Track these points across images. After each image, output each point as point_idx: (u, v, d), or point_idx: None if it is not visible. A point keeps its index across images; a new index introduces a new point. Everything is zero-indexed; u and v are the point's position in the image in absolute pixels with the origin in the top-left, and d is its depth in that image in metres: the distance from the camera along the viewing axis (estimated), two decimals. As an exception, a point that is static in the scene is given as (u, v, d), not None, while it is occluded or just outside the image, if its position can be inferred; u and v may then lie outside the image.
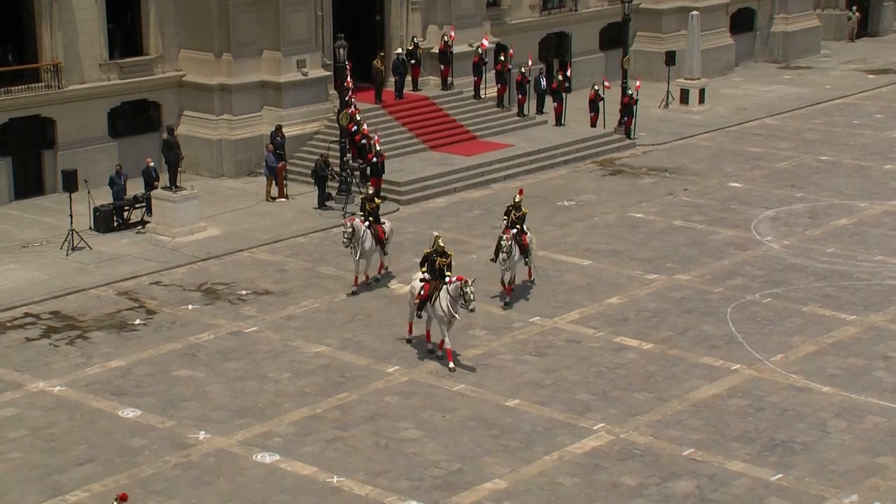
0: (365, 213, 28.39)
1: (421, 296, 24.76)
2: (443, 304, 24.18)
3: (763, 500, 19.54)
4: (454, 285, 24.18)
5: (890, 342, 25.39)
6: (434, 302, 24.36)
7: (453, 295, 24.12)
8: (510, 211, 28.26)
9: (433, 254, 25.10)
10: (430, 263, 25.05)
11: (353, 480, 20.36)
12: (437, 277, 24.71)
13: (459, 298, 24.06)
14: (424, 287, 24.78)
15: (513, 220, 27.91)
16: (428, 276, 24.89)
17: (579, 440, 21.58)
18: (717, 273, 29.61)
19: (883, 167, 38.36)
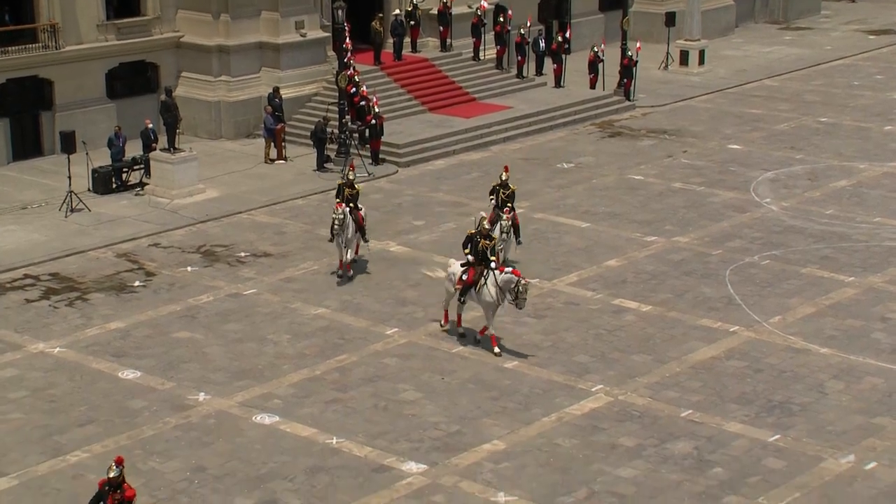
0: (344, 199, 27.06)
1: (464, 281, 23.43)
2: (490, 290, 22.98)
3: (760, 461, 19.65)
4: (506, 277, 22.82)
5: (888, 303, 25.45)
6: (480, 289, 23.12)
7: (503, 287, 22.87)
8: (497, 190, 27.26)
9: (477, 235, 23.70)
10: (474, 245, 23.63)
11: (353, 442, 20.46)
12: (481, 261, 23.33)
13: (510, 293, 22.87)
14: (469, 272, 23.38)
15: (503, 199, 27.03)
16: (472, 258, 23.46)
17: (578, 402, 21.67)
18: (715, 235, 29.62)
19: (883, 128, 38.28)
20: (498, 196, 27.16)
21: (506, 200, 27.00)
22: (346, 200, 26.97)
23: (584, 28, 47.59)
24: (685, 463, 19.66)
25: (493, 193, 27.47)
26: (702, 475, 19.27)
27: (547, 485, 19.09)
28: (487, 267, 23.20)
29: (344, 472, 19.54)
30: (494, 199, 27.30)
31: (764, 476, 19.21)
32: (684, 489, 18.89)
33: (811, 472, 19.27)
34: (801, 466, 19.45)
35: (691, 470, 19.43)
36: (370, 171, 34.55)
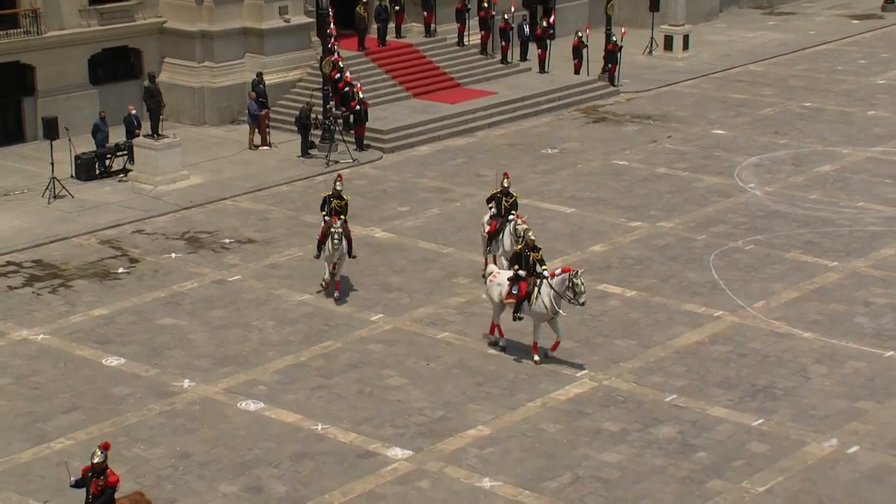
0: (331, 211, 25.45)
1: (515, 295, 22.45)
2: (545, 300, 22.07)
3: (744, 445, 19.74)
4: (559, 278, 21.99)
5: (871, 288, 25.57)
6: (534, 300, 22.23)
7: (558, 289, 21.98)
8: (499, 198, 25.72)
9: (524, 249, 22.74)
10: (524, 260, 22.62)
11: (338, 428, 20.48)
12: (532, 273, 22.49)
13: (566, 292, 21.92)
14: (520, 285, 22.47)
15: (505, 207, 25.62)
16: (523, 272, 22.53)
17: (562, 387, 21.72)
18: (700, 220, 29.69)
19: (866, 113, 38.39)
20: (500, 204, 25.71)
21: (509, 209, 25.56)
22: (335, 213, 25.34)
23: (568, 13, 47.56)
24: (669, 447, 19.73)
25: (492, 201, 25.99)
26: (686, 459, 19.35)
27: (532, 469, 19.14)
28: (540, 277, 22.30)
29: (329, 457, 19.56)
30: (495, 207, 25.79)
31: (748, 460, 19.30)
32: (668, 473, 18.97)
33: (794, 456, 19.38)
34: (785, 450, 19.55)
35: (675, 454, 19.51)
36: (354, 157, 34.51)
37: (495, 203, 25.86)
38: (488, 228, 25.69)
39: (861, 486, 18.52)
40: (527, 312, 22.42)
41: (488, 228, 25.69)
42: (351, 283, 26.38)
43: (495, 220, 25.67)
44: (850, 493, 18.32)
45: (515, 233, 24.70)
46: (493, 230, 25.55)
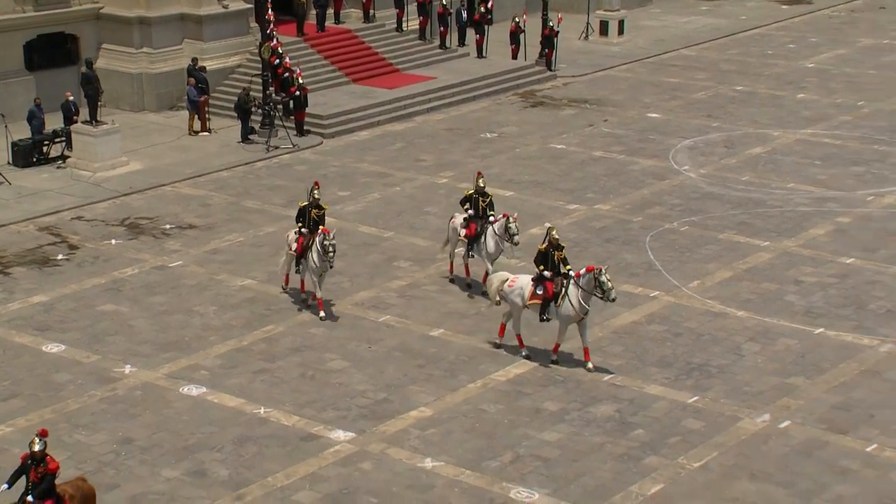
0: (309, 221, 23.95)
1: (540, 296, 21.77)
2: (572, 301, 21.37)
3: (680, 422, 20.17)
4: (586, 277, 21.29)
5: (801, 267, 26.16)
6: (561, 302, 21.53)
7: (587, 288, 21.28)
8: (475, 199, 24.69)
9: (549, 249, 21.95)
10: (548, 260, 21.89)
11: (280, 411, 20.64)
12: (557, 274, 21.76)
13: (595, 290, 21.25)
14: (547, 286, 21.74)
15: (483, 207, 24.65)
16: (548, 273, 21.77)
17: (503, 368, 22.03)
18: (636, 202, 30.15)
19: (796, 96, 39.09)
20: (477, 205, 24.66)
21: (486, 209, 24.64)
22: (314, 223, 23.89)
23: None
24: (607, 426, 20.12)
25: (466, 202, 24.88)
26: (623, 437, 19.74)
27: (473, 450, 19.44)
28: (566, 277, 21.65)
29: (272, 441, 19.72)
30: (472, 208, 24.75)
31: (683, 436, 19.72)
32: (606, 451, 19.35)
33: (728, 432, 19.83)
34: (719, 426, 20.00)
35: (613, 432, 19.89)
36: (295, 142, 34.55)
37: (472, 204, 24.75)
38: (465, 232, 24.55)
39: (792, 460, 19.03)
40: (553, 314, 21.68)
41: (465, 232, 24.55)
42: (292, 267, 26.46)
43: (473, 222, 24.54)
44: (781, 467, 18.82)
45: (508, 231, 23.85)
46: (473, 233, 24.46)
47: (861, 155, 33.16)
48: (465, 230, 24.72)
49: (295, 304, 24.61)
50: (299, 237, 23.96)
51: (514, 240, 23.89)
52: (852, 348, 22.59)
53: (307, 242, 23.75)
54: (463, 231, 24.72)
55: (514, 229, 23.85)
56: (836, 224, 28.46)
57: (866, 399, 20.76)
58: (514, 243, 24.02)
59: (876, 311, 23.98)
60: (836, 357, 22.24)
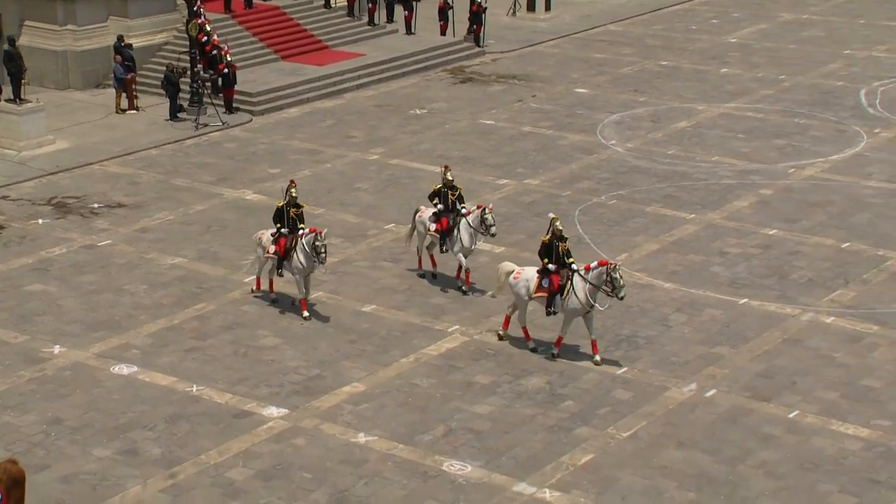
0: (288, 221, 23.02)
1: (545, 289, 21.26)
2: (579, 294, 20.93)
3: (610, 393, 20.50)
4: (596, 271, 20.84)
5: (726, 238, 26.63)
6: (567, 295, 21.10)
7: (595, 282, 20.83)
8: (444, 193, 23.94)
9: (553, 240, 21.41)
10: (553, 251, 21.40)
11: (213, 389, 20.65)
12: (563, 266, 21.31)
13: (605, 285, 20.78)
14: (553, 279, 21.26)
15: (453, 201, 23.93)
16: (552, 266, 21.32)
17: (434, 342, 22.22)
18: (564, 177, 30.45)
19: (719, 71, 39.63)
20: (446, 199, 23.91)
21: (455, 202, 23.92)
22: (292, 222, 22.99)
23: (434, -26, 47.76)
24: (538, 397, 20.40)
25: (436, 197, 24.09)
26: (554, 409, 20.04)
27: (406, 424, 19.62)
28: (571, 269, 21.20)
29: (205, 418, 19.74)
30: (441, 202, 23.96)
31: (613, 407, 20.07)
32: (538, 422, 19.63)
33: (656, 401, 20.22)
34: (648, 396, 20.38)
35: (544, 404, 20.19)
36: (224, 119, 34.37)
37: (440, 199, 23.96)
38: (436, 227, 23.89)
39: (718, 427, 19.47)
40: (559, 307, 21.28)
41: (436, 227, 23.89)
42: (223, 245, 26.44)
43: (445, 216, 23.81)
44: (707, 435, 19.24)
45: (484, 223, 23.28)
46: (445, 228, 23.77)
47: (782, 128, 33.78)
48: (435, 225, 23.92)
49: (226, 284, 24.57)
50: (280, 238, 22.94)
51: (490, 231, 23.34)
52: (775, 317, 23.09)
53: (289, 243, 22.78)
54: (433, 226, 23.94)
55: (490, 220, 23.25)
56: (759, 196, 29.00)
57: (788, 367, 21.27)
58: (492, 235, 23.52)
59: (797, 281, 24.54)
60: (760, 326, 22.74)
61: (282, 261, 23.00)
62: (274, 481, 18.09)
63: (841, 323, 22.81)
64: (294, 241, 22.79)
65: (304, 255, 22.60)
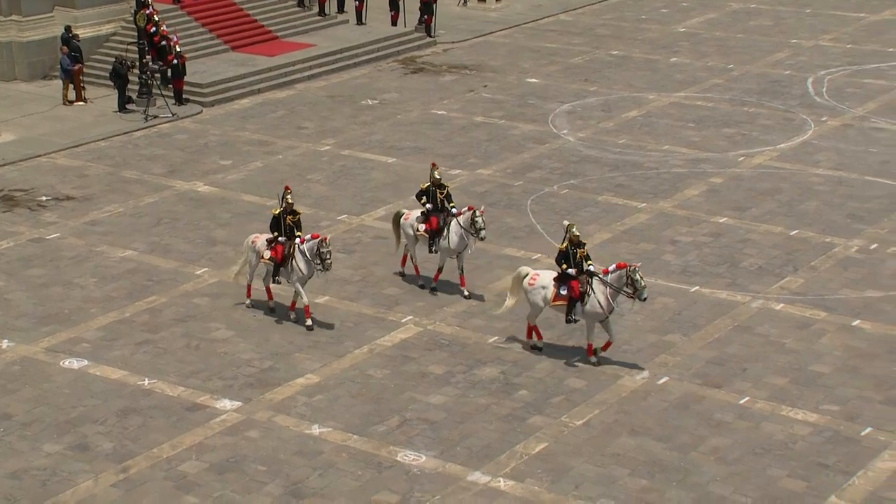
0: (285, 229, 22.30)
1: (564, 296, 20.78)
2: (600, 299, 20.56)
3: (563, 382, 20.58)
4: (615, 274, 20.50)
5: (677, 227, 26.82)
6: (587, 300, 20.67)
7: (616, 285, 20.47)
8: (433, 191, 23.36)
9: (570, 246, 20.98)
10: (570, 258, 20.87)
11: (165, 382, 20.52)
12: (582, 271, 20.87)
13: (625, 287, 20.41)
14: (573, 286, 20.75)
15: (441, 199, 23.37)
16: (572, 270, 20.77)
17: (388, 333, 22.21)
18: (517, 167, 30.52)
19: (669, 60, 39.87)
20: (435, 198, 23.33)
21: (444, 200, 23.40)
22: (289, 229, 22.32)
23: (384, -36, 47.65)
24: (492, 387, 20.45)
25: (423, 195, 23.46)
26: (508, 398, 20.10)
27: (360, 415, 19.61)
28: (590, 275, 20.79)
29: (157, 412, 19.61)
30: (430, 201, 23.36)
31: (566, 395, 20.16)
32: (492, 412, 19.68)
33: (609, 390, 20.33)
34: (601, 385, 20.49)
35: (498, 393, 20.24)
36: (174, 111, 34.11)
37: (429, 198, 23.37)
38: (425, 227, 23.27)
39: (670, 414, 19.62)
40: (579, 314, 20.84)
41: (425, 227, 23.27)
42: (174, 237, 26.26)
43: (434, 216, 23.22)
44: (660, 422, 19.39)
45: (475, 225, 22.72)
46: (436, 227, 23.17)
47: (732, 117, 34.06)
48: (423, 225, 23.29)
49: (177, 276, 24.41)
50: (276, 245, 22.22)
51: (480, 234, 22.77)
52: (726, 305, 23.30)
53: (287, 250, 22.12)
54: (422, 227, 23.30)
55: (480, 223, 22.68)
56: (710, 184, 29.23)
57: (739, 354, 21.48)
58: (481, 238, 22.92)
59: (748, 269, 24.77)
60: (711, 314, 22.93)
61: (278, 268, 22.25)
62: (227, 474, 18.01)
63: (790, 310, 23.06)
64: (292, 247, 22.12)
65: (305, 262, 21.94)
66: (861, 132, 32.54)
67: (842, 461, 18.25)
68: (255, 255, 22.62)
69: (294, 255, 22.06)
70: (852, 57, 39.40)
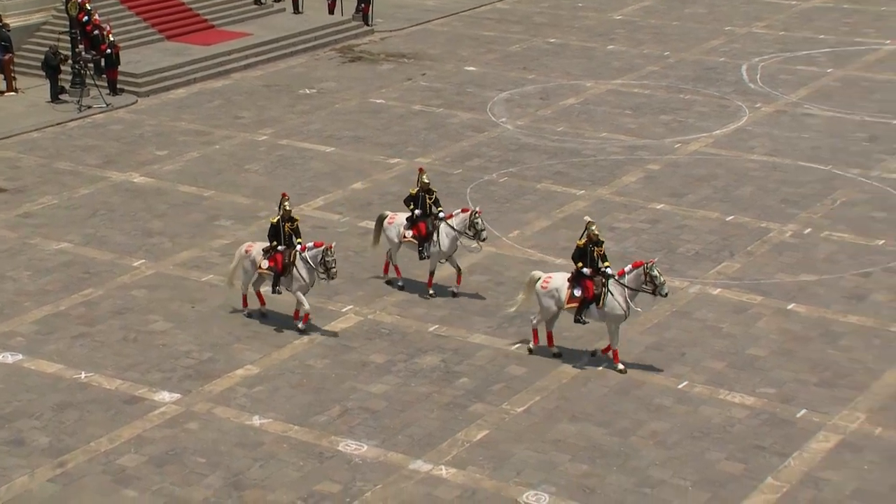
0: (284, 237, 21.70)
1: (578, 297, 20.32)
2: (618, 300, 20.07)
3: (504, 369, 20.66)
4: (633, 273, 20.04)
5: (615, 214, 26.99)
6: (604, 301, 20.19)
7: (634, 285, 20.05)
8: (422, 197, 22.94)
9: (588, 244, 20.46)
10: (588, 256, 20.44)
11: (102, 375, 20.30)
12: (597, 272, 20.37)
13: (644, 286, 20.00)
14: (587, 286, 20.30)
15: (430, 205, 22.93)
16: (587, 270, 20.34)
17: (329, 322, 22.14)
18: (456, 155, 30.54)
19: (606, 48, 40.08)
20: (424, 204, 22.91)
21: (433, 205, 22.96)
22: (288, 237, 21.71)
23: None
24: (433, 375, 20.47)
25: (412, 202, 23.00)
26: (449, 386, 20.13)
27: (301, 405, 19.54)
28: (605, 275, 20.29)
29: (94, 406, 19.40)
30: (419, 207, 22.93)
31: (507, 383, 20.23)
32: (433, 400, 19.70)
33: (550, 376, 20.42)
34: (541, 371, 20.58)
35: (439, 381, 20.26)
36: (108, 101, 33.71)
37: (417, 203, 22.91)
38: (412, 232, 22.82)
39: (610, 399, 19.76)
40: (594, 316, 20.33)
41: (412, 232, 22.82)
42: (110, 229, 25.97)
43: (423, 221, 22.80)
44: (600, 407, 19.52)
45: (475, 227, 22.24)
46: (424, 233, 22.75)
47: (668, 104, 34.33)
48: (411, 231, 22.85)
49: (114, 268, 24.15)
50: (276, 254, 21.56)
51: (481, 236, 22.25)
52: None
53: (287, 259, 21.50)
54: (409, 232, 22.86)
55: (480, 224, 22.18)
56: (647, 171, 29.45)
57: (677, 338, 21.69)
58: (482, 239, 22.40)
59: (685, 254, 25.00)
60: (649, 299, 23.00)
61: (278, 277, 21.56)
62: (167, 467, 17.87)
63: (727, 294, 23.31)
64: (292, 255, 21.49)
65: (307, 270, 21.34)
66: (794, 118, 32.96)
67: (778, 443, 18.51)
68: (250, 264, 21.83)
69: (295, 264, 21.38)
70: (784, 44, 39.89)
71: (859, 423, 18.92)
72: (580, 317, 20.45)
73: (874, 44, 39.65)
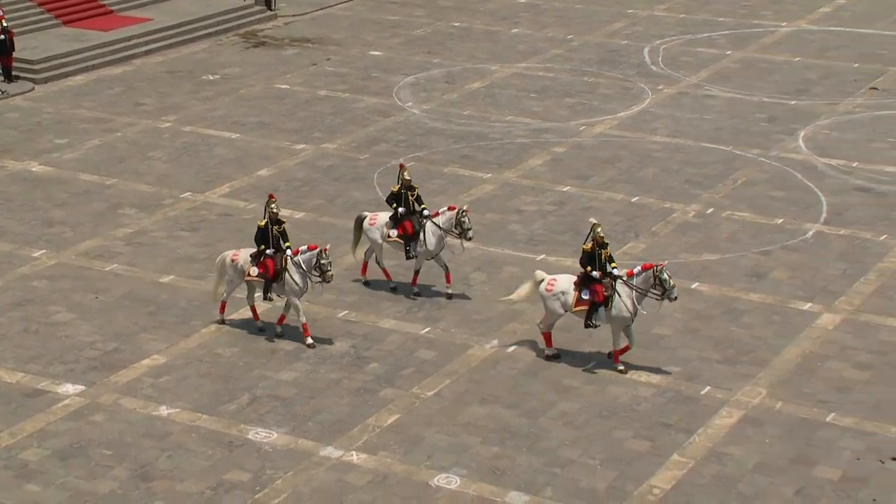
0: (271, 241, 20.87)
1: (586, 301, 19.91)
2: (626, 303, 19.75)
3: (413, 353, 20.68)
4: (642, 276, 19.68)
5: (522, 197, 27.15)
6: (612, 305, 19.78)
7: (642, 287, 19.70)
8: (404, 195, 22.32)
9: (595, 248, 20.00)
10: (596, 260, 19.95)
11: (3, 368, 19.90)
12: (606, 274, 19.97)
13: (653, 289, 19.64)
14: (596, 289, 19.86)
15: (412, 202, 22.33)
16: (596, 273, 19.88)
17: (237, 310, 21.93)
18: (362, 140, 30.43)
19: (510, 31, 40.22)
20: (406, 201, 22.30)
21: (416, 202, 22.35)
22: (276, 240, 20.83)
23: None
24: (343, 361, 20.41)
25: (394, 200, 22.37)
26: (359, 371, 20.10)
27: (209, 394, 19.35)
28: (614, 278, 19.92)
29: (-4, 400, 19.03)
30: (402, 205, 22.31)
31: (417, 367, 20.25)
32: (343, 386, 19.66)
33: (460, 360, 20.51)
34: (451, 355, 20.65)
35: (349, 367, 20.22)
36: (3, 88, 32.96)
37: (400, 201, 22.32)
38: (398, 232, 22.23)
39: (520, 381, 19.90)
40: (603, 319, 19.98)
41: (398, 232, 22.23)
42: (9, 219, 25.40)
43: (408, 220, 22.23)
44: (510, 389, 19.65)
45: (461, 225, 21.82)
46: (410, 232, 22.18)
47: (572, 86, 34.59)
48: (396, 230, 22.25)
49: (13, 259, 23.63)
50: (265, 259, 20.68)
51: (467, 235, 21.89)
52: (571, 272, 23.55)
53: (278, 264, 20.64)
54: (394, 232, 22.27)
55: (467, 223, 21.78)
56: (553, 154, 29.66)
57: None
58: (468, 238, 22.02)
59: (592, 236, 25.22)
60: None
61: (270, 284, 20.71)
62: (71, 460, 17.57)
63: (633, 274, 23.58)
64: (283, 260, 20.66)
65: (300, 275, 20.52)
66: (695, 100, 33.45)
67: (683, 420, 18.81)
68: (236, 273, 20.97)
69: (287, 269, 20.55)
70: (685, 27, 40.42)
71: (761, 399, 19.33)
72: (591, 321, 20.04)
73: (771, 26, 40.39)
